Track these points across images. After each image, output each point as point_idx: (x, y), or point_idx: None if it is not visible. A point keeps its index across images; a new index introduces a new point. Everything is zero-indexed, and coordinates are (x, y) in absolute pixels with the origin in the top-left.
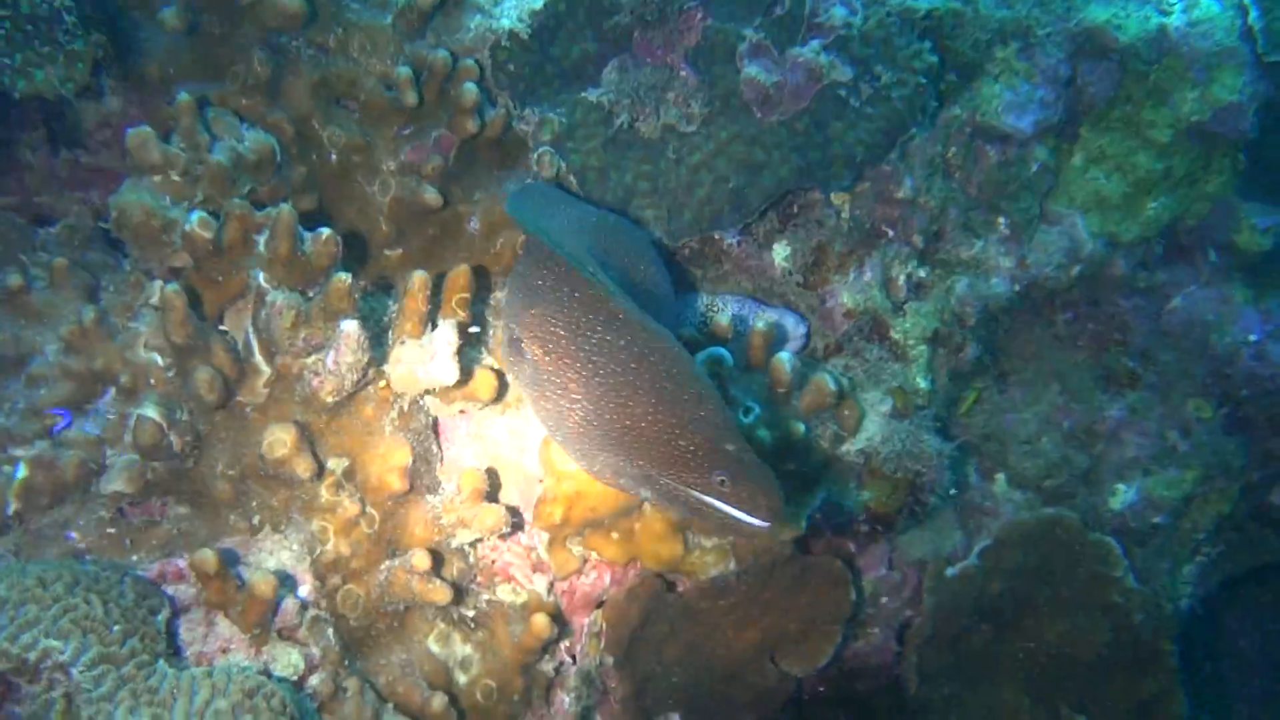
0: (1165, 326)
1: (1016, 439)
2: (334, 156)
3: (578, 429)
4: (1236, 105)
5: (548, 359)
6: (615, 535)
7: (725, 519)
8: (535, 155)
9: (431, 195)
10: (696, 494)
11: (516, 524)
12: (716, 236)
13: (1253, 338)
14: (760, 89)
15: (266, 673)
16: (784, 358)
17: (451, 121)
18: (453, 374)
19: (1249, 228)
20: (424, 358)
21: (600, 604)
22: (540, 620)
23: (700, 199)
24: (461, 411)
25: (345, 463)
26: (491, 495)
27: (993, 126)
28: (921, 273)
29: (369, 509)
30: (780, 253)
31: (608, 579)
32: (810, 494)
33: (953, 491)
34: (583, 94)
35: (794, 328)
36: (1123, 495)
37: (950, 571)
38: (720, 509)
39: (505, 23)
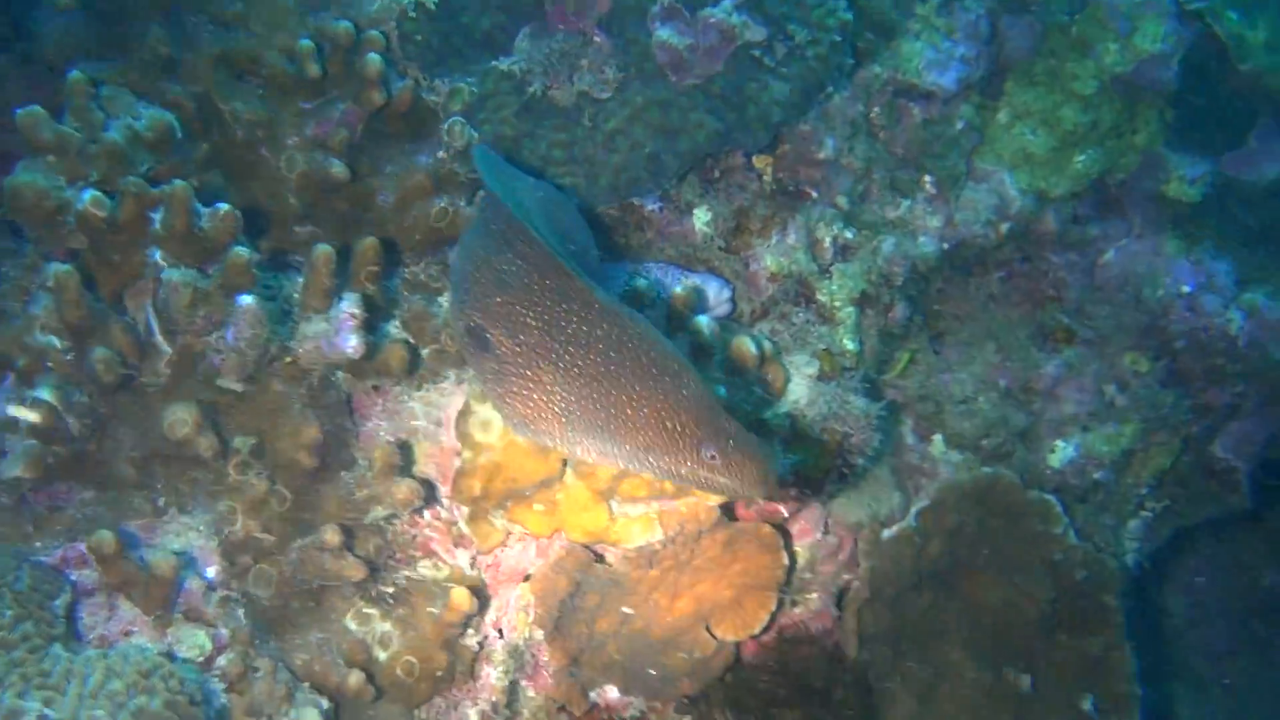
0: (1099, 281)
1: (953, 399)
2: (239, 133)
3: (557, 421)
4: (1159, 55)
5: (518, 350)
6: (538, 507)
7: (721, 490)
8: (446, 126)
9: (338, 169)
10: (688, 467)
11: (431, 498)
12: (636, 203)
13: (1185, 289)
14: (673, 52)
15: (170, 654)
16: (702, 321)
17: (357, 94)
18: (358, 347)
19: (1177, 179)
20: (328, 332)
21: (527, 577)
22: (460, 594)
23: (617, 166)
24: (375, 387)
25: (253, 441)
26: (406, 470)
27: (915, 85)
28: (848, 234)
29: (279, 487)
30: (701, 217)
31: (533, 551)
32: None
33: (881, 452)
34: (494, 63)
35: (717, 293)
36: (1061, 452)
37: (887, 534)
38: (712, 480)
39: None
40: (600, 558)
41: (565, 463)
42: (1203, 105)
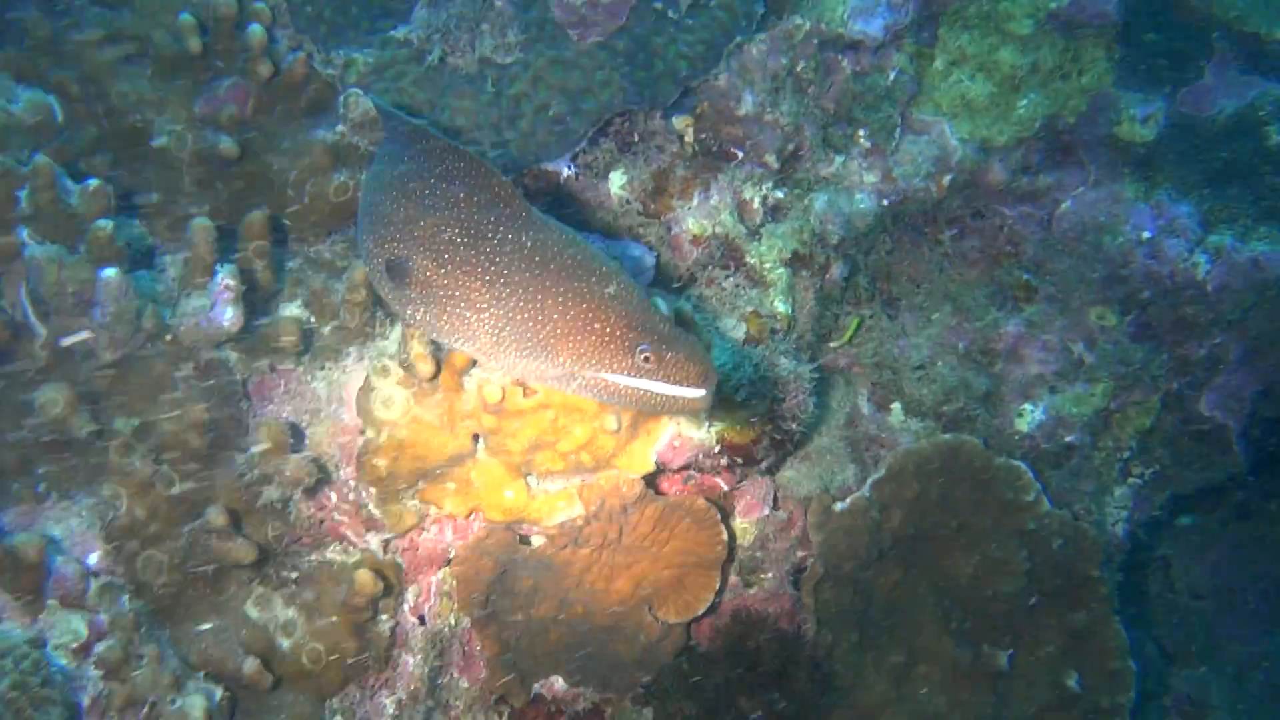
0: (1056, 233)
1: (909, 365)
2: (127, 115)
3: (491, 340)
4: None
5: (444, 272)
6: (451, 485)
7: (659, 398)
8: (343, 98)
9: (226, 145)
10: (625, 379)
11: (335, 479)
12: (549, 169)
13: (1146, 235)
14: (573, 9)
15: (39, 640)
16: None
17: (244, 68)
18: (234, 319)
19: (1129, 119)
20: (206, 306)
21: (449, 561)
22: (364, 576)
23: (523, 131)
24: (273, 367)
25: (135, 423)
26: (299, 448)
27: (840, 35)
28: (778, 194)
29: (165, 469)
30: (616, 181)
31: (450, 533)
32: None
33: (818, 417)
34: (391, 32)
35: (639, 259)
36: (1030, 416)
37: (839, 506)
38: (650, 388)
39: None
40: (526, 540)
41: (476, 438)
42: (1152, 39)
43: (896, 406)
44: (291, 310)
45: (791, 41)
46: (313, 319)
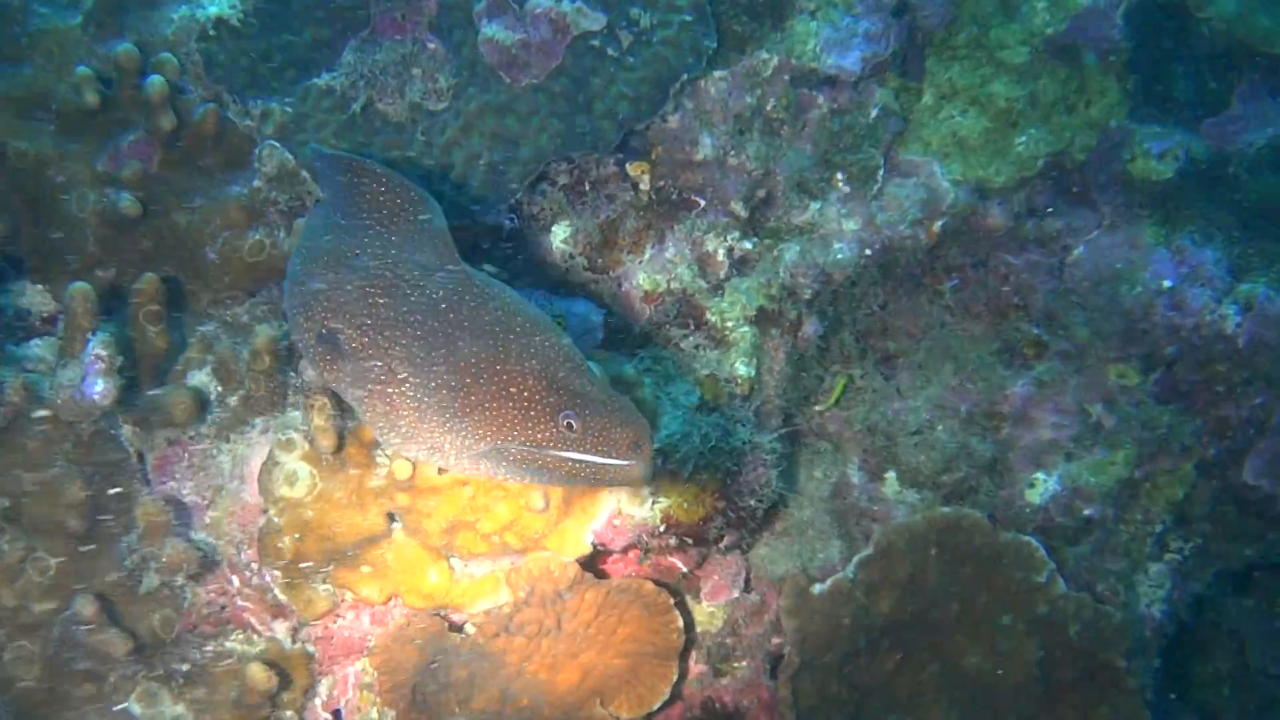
0: (1069, 283)
1: (905, 430)
2: (27, 174)
3: (413, 415)
4: (1096, 9)
5: (367, 340)
6: (366, 568)
7: (588, 470)
8: (259, 151)
9: (128, 204)
10: (549, 451)
11: (215, 561)
12: (489, 222)
13: (1167, 284)
14: (502, 50)
15: None
16: None
17: (148, 122)
18: (105, 392)
19: (1143, 154)
20: (77, 378)
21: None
22: (256, 671)
23: (454, 182)
24: (170, 442)
25: (5, 503)
26: (184, 530)
27: (814, 70)
28: (746, 245)
29: (40, 554)
30: (559, 234)
31: (367, 620)
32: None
33: (783, 491)
34: (313, 80)
35: (585, 317)
36: (1042, 486)
37: (818, 588)
38: (577, 459)
39: (212, 10)
40: (459, 627)
41: (391, 517)
42: (1169, 67)
43: (891, 476)
44: (199, 378)
45: (757, 79)
46: (219, 388)
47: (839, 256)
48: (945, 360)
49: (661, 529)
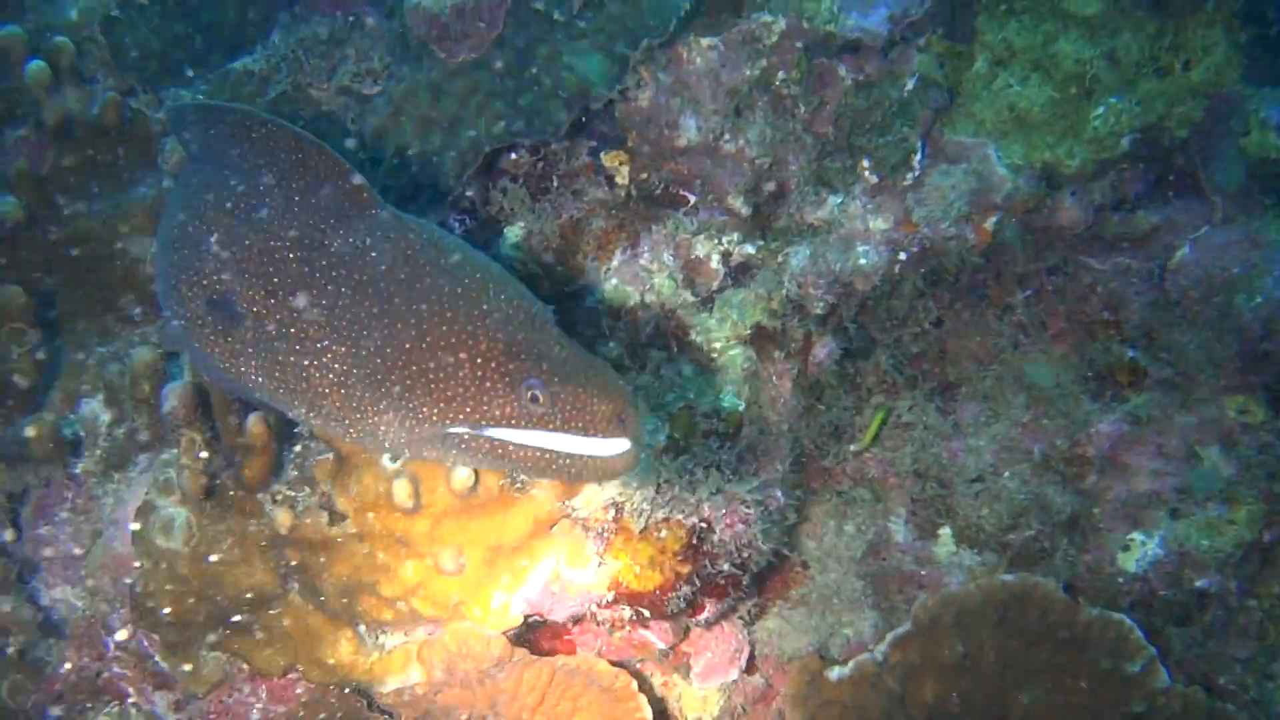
0: (1172, 293)
1: (964, 476)
2: None
3: (338, 391)
4: None
5: (273, 302)
6: (260, 634)
7: (562, 459)
8: (165, 146)
9: (9, 207)
10: (510, 434)
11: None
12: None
13: None
14: (432, 20)
15: None
16: None
17: (37, 115)
18: None
19: (1258, 125)
20: None
21: None
22: None
23: (381, 179)
24: (46, 481)
25: None
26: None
27: (831, 34)
28: (748, 249)
29: None
30: (510, 237)
31: (264, 695)
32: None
33: (775, 553)
34: (232, 64)
35: None
36: (1140, 550)
37: (836, 673)
38: (546, 444)
39: None
40: (378, 706)
41: (284, 575)
42: None
43: (945, 532)
44: (91, 407)
45: (758, 46)
46: (109, 418)
47: (861, 262)
48: (1017, 390)
49: (609, 598)
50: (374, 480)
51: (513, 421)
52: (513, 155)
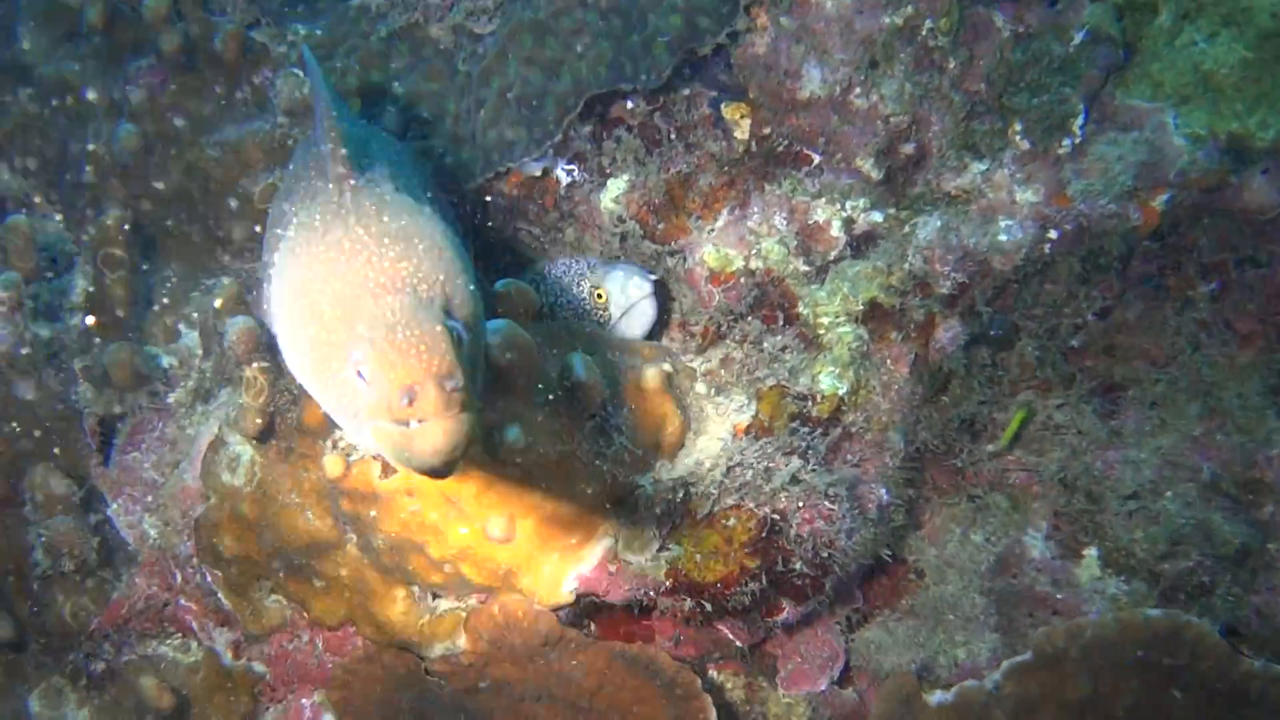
0: None
1: (1119, 492)
2: (51, 98)
3: (287, 356)
4: None
5: (266, 258)
6: (319, 583)
7: (381, 434)
8: (277, 80)
9: (127, 135)
10: (339, 387)
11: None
12: (539, 173)
13: None
14: None
15: None
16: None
17: (158, 46)
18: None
19: None
20: None
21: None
22: (150, 687)
23: (484, 123)
24: (139, 407)
25: None
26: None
27: None
28: (875, 216)
29: None
30: (612, 191)
31: (320, 645)
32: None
33: (859, 556)
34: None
35: (620, 289)
36: None
37: (938, 698)
38: (367, 422)
39: None
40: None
41: (343, 525)
42: None
43: (1090, 554)
44: (190, 338)
45: None
46: (201, 351)
47: (1002, 238)
48: (1191, 398)
49: (667, 585)
50: None
51: (346, 400)
52: (628, 104)
